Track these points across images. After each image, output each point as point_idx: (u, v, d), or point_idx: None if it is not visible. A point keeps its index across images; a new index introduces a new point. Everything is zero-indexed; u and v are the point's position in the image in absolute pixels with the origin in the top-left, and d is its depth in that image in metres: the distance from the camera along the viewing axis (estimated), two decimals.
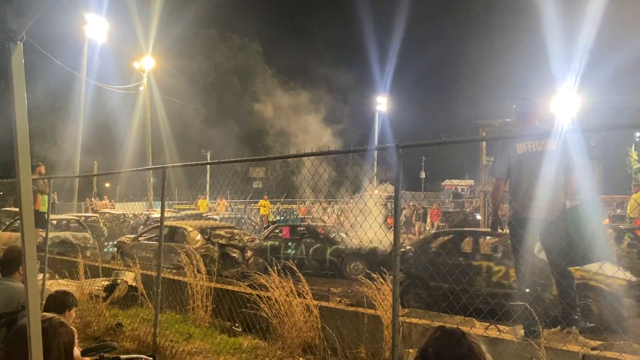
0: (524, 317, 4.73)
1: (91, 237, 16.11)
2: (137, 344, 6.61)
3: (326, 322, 6.10)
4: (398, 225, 4.28)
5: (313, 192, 7.22)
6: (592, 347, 4.45)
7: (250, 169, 47.34)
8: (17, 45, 1.81)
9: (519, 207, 4.97)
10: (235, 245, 12.15)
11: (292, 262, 7.02)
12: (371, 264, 10.76)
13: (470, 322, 5.42)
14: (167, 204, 9.79)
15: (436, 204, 27.58)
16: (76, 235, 15.56)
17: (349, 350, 5.81)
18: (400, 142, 4.20)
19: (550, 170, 4.79)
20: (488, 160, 21.79)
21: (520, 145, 4.96)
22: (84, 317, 7.45)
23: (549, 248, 4.91)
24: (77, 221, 16.94)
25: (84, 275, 8.70)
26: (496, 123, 22.21)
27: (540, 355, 4.23)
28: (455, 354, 1.70)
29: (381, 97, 54.87)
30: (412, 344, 5.23)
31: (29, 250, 1.78)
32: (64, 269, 10.22)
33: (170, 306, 8.00)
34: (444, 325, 1.86)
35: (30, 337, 1.81)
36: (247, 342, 6.44)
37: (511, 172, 5.06)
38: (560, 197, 4.96)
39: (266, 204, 28.47)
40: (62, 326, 2.43)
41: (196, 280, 7.58)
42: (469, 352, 1.70)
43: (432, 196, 36.44)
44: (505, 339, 4.78)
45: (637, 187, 19.62)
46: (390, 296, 4.81)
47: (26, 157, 1.83)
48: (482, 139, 17.21)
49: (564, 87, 23.75)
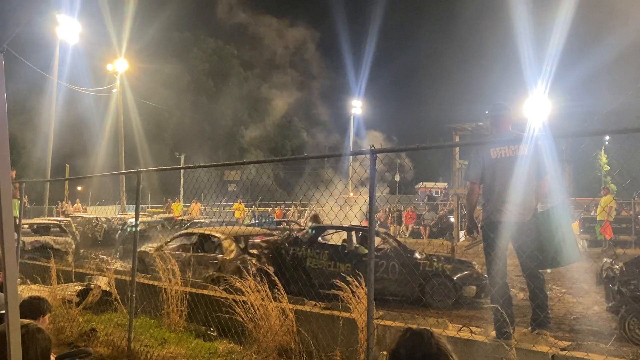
0: (496, 318, 4.83)
1: (73, 241, 15.66)
2: (111, 349, 6.55)
3: (302, 325, 6.13)
4: (372, 229, 4.35)
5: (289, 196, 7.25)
6: (561, 348, 4.56)
7: (226, 172, 47.15)
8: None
9: (492, 211, 5.08)
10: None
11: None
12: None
13: (444, 324, 5.51)
14: (141, 208, 9.46)
15: (410, 207, 27.84)
16: (57, 240, 15.16)
17: (324, 354, 5.84)
18: (374, 147, 4.27)
19: (522, 175, 4.90)
20: (461, 163, 22.09)
21: (493, 151, 5.07)
22: (57, 323, 7.35)
23: (520, 250, 5.02)
24: (58, 226, 16.54)
25: (57, 280, 8.58)
26: (469, 127, 22.52)
27: (511, 356, 4.33)
28: (426, 353, 1.76)
29: (356, 101, 55.16)
30: (386, 346, 5.29)
31: (8, 256, 1.79)
32: (36, 274, 10.07)
33: (145, 311, 7.95)
34: (412, 327, 1.92)
35: (9, 344, 1.81)
36: (222, 347, 6.43)
37: (484, 176, 5.16)
38: (531, 200, 5.08)
39: (241, 207, 28.39)
40: (39, 332, 2.43)
41: (171, 285, 7.54)
42: (437, 351, 1.77)
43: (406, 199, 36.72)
44: (477, 340, 4.87)
45: (606, 190, 20.11)
46: (365, 299, 4.87)
47: (6, 163, 1.84)
48: (455, 144, 17.41)
49: (536, 91, 24.21)
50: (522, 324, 5.95)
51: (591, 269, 9.78)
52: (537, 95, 24.15)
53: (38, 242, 14.32)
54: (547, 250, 4.85)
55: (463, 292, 8.90)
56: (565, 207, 5.38)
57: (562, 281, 10.97)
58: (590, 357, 4.26)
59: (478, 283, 9.05)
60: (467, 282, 8.99)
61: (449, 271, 9.14)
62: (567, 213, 5.30)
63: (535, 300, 4.96)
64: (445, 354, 1.76)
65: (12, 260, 1.80)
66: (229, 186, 45.44)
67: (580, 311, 8.54)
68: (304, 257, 9.91)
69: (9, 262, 1.78)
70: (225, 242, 10.31)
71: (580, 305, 8.92)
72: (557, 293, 10.14)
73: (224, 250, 10.09)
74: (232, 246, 10.17)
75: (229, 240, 10.32)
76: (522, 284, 9.11)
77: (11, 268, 1.79)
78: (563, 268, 6.45)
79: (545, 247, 4.85)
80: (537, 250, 4.87)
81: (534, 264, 4.91)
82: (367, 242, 10.46)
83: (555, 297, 9.65)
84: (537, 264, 4.91)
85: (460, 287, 8.93)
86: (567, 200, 8.87)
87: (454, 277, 8.99)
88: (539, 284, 4.97)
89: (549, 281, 10.15)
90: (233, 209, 28.39)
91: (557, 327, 7.39)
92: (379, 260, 9.48)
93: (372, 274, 4.22)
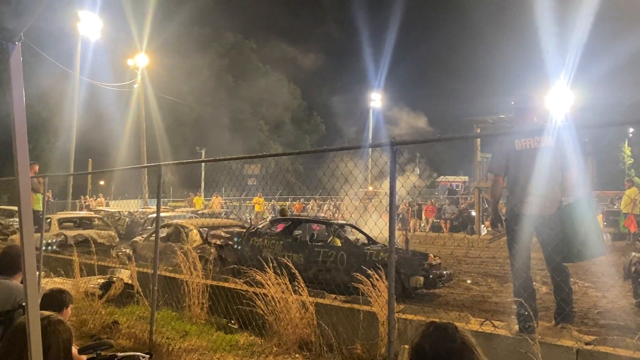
0: (519, 312, 4.76)
1: (117, 235, 15.37)
2: (133, 341, 6.61)
3: (322, 318, 6.12)
4: (393, 222, 4.30)
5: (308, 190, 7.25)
6: (586, 342, 4.48)
7: (246, 166, 47.33)
8: (16, 46, 1.82)
9: (516, 203, 5.00)
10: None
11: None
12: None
13: (466, 318, 5.46)
14: (163, 202, 9.57)
15: (431, 201, 27.66)
16: (101, 234, 14.87)
17: (344, 347, 5.82)
18: (395, 138, 4.21)
19: (547, 167, 4.82)
20: (483, 156, 21.86)
21: (518, 142, 4.99)
22: (79, 315, 7.44)
23: (545, 244, 4.94)
24: (101, 219, 16.33)
25: (80, 273, 8.68)
26: (490, 119, 22.27)
27: (534, 350, 4.26)
28: (450, 348, 1.73)
29: (375, 94, 54.90)
30: (407, 340, 5.26)
31: (28, 249, 1.79)
32: (59, 267, 10.20)
33: (167, 303, 8.00)
34: (436, 320, 1.88)
35: (29, 335, 1.82)
36: (243, 339, 6.45)
37: (509, 168, 5.09)
38: (556, 193, 4.99)
39: (260, 201, 28.49)
40: (60, 324, 2.44)
41: (192, 278, 7.58)
42: (462, 345, 1.73)
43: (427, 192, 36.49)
44: (500, 334, 4.81)
45: (630, 182, 19.78)
46: (386, 292, 4.83)
47: (24, 156, 1.84)
48: (477, 135, 17.26)
49: (558, 83, 23.85)
50: (545, 318, 5.87)
51: (616, 263, 9.62)
52: (559, 87, 23.78)
53: (81, 236, 14.03)
54: (572, 243, 4.76)
55: (410, 282, 9.06)
56: (590, 200, 5.27)
57: (586, 275, 10.80)
58: (616, 351, 4.18)
59: (425, 274, 9.20)
60: (413, 273, 9.13)
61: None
62: (592, 206, 5.21)
63: (559, 294, 4.88)
64: (470, 349, 1.73)
65: (31, 252, 1.80)
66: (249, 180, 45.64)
67: (605, 305, 8.40)
68: (261, 247, 10.40)
69: (28, 254, 1.78)
70: (191, 233, 11.51)
71: (604, 300, 8.78)
72: (581, 287, 9.99)
73: (190, 240, 11.13)
74: (196, 236, 11.42)
75: (195, 231, 11.56)
76: (545, 277, 9.01)
77: (30, 260, 1.79)
78: (586, 262, 6.34)
79: (570, 241, 4.76)
80: (561, 244, 4.79)
81: (559, 258, 4.82)
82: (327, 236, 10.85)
83: (579, 291, 9.50)
84: (562, 257, 4.83)
85: (407, 277, 9.09)
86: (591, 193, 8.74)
87: (400, 268, 9.10)
88: (564, 278, 4.89)
89: (572, 275, 10.01)
90: (253, 202, 28.51)
91: (580, 321, 7.27)
92: (329, 250, 9.93)
93: (393, 267, 4.18)
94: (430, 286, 9.31)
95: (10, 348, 2.32)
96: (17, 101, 1.79)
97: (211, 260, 10.49)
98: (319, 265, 9.70)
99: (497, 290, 9.96)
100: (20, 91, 1.81)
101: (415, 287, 9.08)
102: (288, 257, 9.62)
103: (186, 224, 12.43)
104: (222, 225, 12.92)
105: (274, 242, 10.44)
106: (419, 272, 9.13)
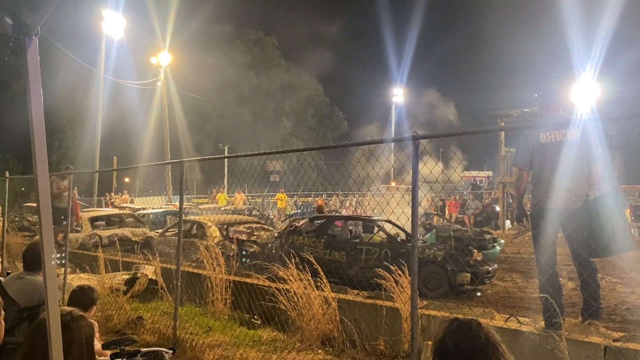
0: (545, 308, 4.68)
1: (149, 232, 14.77)
2: (157, 337, 6.66)
3: (344, 314, 6.11)
4: (416, 218, 4.25)
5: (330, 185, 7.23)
6: (614, 339, 4.40)
7: (268, 162, 47.42)
8: (33, 40, 1.82)
9: (541, 198, 4.92)
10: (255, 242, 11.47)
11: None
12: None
13: (490, 314, 5.39)
14: (186, 198, 9.60)
15: (454, 196, 27.40)
16: (135, 232, 14.42)
17: (367, 343, 5.80)
18: (417, 133, 4.16)
19: (572, 160, 4.73)
20: (507, 150, 21.59)
21: (543, 135, 4.90)
22: (105, 311, 7.53)
23: (571, 239, 4.85)
24: (132, 216, 16.07)
25: (105, 269, 8.79)
26: (514, 113, 21.99)
27: (561, 347, 4.18)
28: (474, 345, 1.69)
29: (397, 89, 54.64)
30: (430, 336, 5.21)
31: (47, 245, 1.80)
32: (85, 263, 10.34)
33: (190, 299, 8.06)
34: (459, 317, 1.84)
35: (49, 331, 1.82)
36: (266, 335, 6.47)
37: (533, 162, 5.00)
38: (582, 187, 4.89)
39: (283, 197, 28.53)
40: (82, 319, 2.45)
41: (215, 273, 7.62)
42: (486, 342, 1.69)
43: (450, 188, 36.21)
44: (526, 331, 4.74)
45: None
46: (409, 288, 4.79)
47: (43, 152, 1.84)
48: (501, 129, 17.05)
49: (584, 76, 23.39)
50: (571, 315, 5.77)
51: None
52: (585, 79, 23.34)
53: (116, 235, 13.65)
54: (599, 238, 4.66)
55: (457, 279, 8.81)
56: (617, 194, 5.16)
57: (613, 270, 10.59)
58: None
59: (473, 270, 8.94)
60: (461, 270, 8.88)
61: (440, 257, 9.08)
62: (619, 200, 5.08)
63: (587, 289, 4.78)
64: (495, 345, 1.68)
65: (50, 249, 1.81)
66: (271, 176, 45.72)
67: (634, 301, 8.22)
68: (302, 246, 10.25)
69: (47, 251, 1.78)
70: (210, 229, 11.61)
71: (633, 295, 8.60)
72: (609, 283, 9.80)
73: (209, 236, 11.22)
74: (215, 232, 11.52)
75: (214, 227, 11.67)
76: (571, 273, 8.86)
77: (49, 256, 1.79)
78: (613, 257, 6.19)
79: (597, 235, 4.66)
80: (588, 239, 4.69)
81: (586, 253, 4.73)
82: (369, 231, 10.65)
83: (607, 287, 9.32)
84: (589, 252, 4.73)
85: (454, 274, 8.84)
86: (618, 187, 8.55)
87: (446, 265, 8.91)
88: (591, 273, 4.80)
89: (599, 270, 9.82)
90: (275, 199, 28.56)
91: (607, 317, 7.13)
92: (372, 247, 9.72)
93: (416, 263, 4.14)
94: (478, 283, 9.03)
95: (35, 344, 2.34)
96: (35, 97, 1.79)
97: (232, 256, 10.49)
98: (361, 262, 9.50)
99: (522, 286, 9.82)
100: (38, 86, 1.81)
101: (462, 284, 8.83)
102: (329, 255, 9.73)
103: (204, 220, 12.37)
104: (240, 221, 12.95)
105: (314, 240, 10.33)
106: (466, 268, 8.90)
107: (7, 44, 1.76)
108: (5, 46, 1.80)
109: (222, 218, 12.98)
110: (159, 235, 12.79)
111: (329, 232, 10.61)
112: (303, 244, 10.31)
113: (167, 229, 13.03)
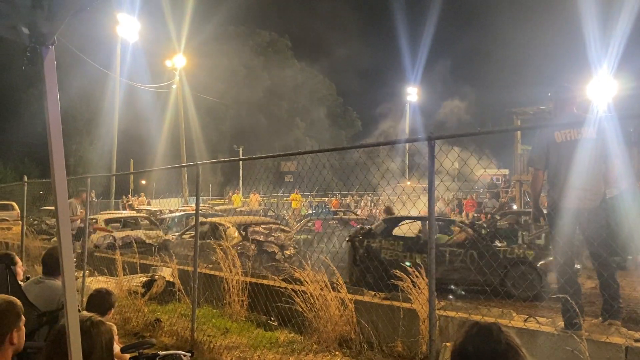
0: (565, 309, 4.63)
1: (164, 234, 14.87)
2: (175, 339, 6.70)
3: (361, 316, 6.09)
4: (433, 218, 4.23)
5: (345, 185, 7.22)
6: (635, 339, 4.33)
7: (282, 163, 47.51)
8: (49, 49, 1.83)
9: (558, 197, 4.86)
10: (274, 242, 11.46)
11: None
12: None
13: (509, 315, 5.34)
14: (202, 200, 9.60)
15: (471, 195, 27.22)
16: (149, 234, 14.48)
17: (385, 344, 5.78)
18: (433, 133, 4.14)
19: (589, 158, 4.66)
20: (523, 149, 21.41)
21: (558, 134, 4.84)
22: (123, 313, 7.58)
23: (589, 238, 4.78)
24: (147, 218, 16.08)
25: (122, 272, 8.85)
26: (531, 111, 21.79)
27: (581, 347, 4.13)
28: (494, 350, 1.67)
29: (411, 88, 54.42)
30: (449, 338, 5.18)
31: (65, 249, 1.81)
32: (103, 265, 10.42)
33: (207, 301, 8.08)
34: (479, 321, 1.82)
35: (69, 337, 1.83)
36: (283, 337, 6.47)
37: (549, 160, 4.94)
38: (600, 186, 4.83)
39: (297, 197, 28.58)
40: (102, 325, 2.46)
41: (232, 275, 7.63)
42: (507, 346, 1.67)
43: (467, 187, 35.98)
44: (545, 332, 4.69)
45: None
46: (426, 290, 4.76)
47: (60, 157, 1.85)
48: (517, 128, 16.95)
49: (601, 72, 23.12)
50: (590, 314, 5.69)
51: None
52: (602, 76, 23.06)
53: (129, 237, 13.69)
54: (618, 237, 4.60)
55: (547, 280, 8.25)
56: (635, 192, 5.09)
57: (634, 270, 10.44)
58: None
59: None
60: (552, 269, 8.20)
61: (531, 257, 8.69)
62: (637, 198, 5.02)
63: (607, 289, 4.72)
64: (515, 350, 1.67)
65: (68, 253, 1.82)
66: (286, 177, 45.82)
67: None
68: (379, 249, 9.84)
69: (65, 255, 1.80)
70: (229, 230, 11.50)
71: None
72: (629, 282, 9.66)
73: (228, 237, 10.94)
74: (234, 234, 11.39)
75: (233, 229, 11.58)
76: (589, 272, 8.74)
77: (67, 260, 1.80)
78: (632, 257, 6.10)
79: (616, 234, 4.60)
80: (607, 238, 4.63)
81: (605, 252, 4.66)
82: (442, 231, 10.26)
83: (627, 286, 9.20)
84: (609, 252, 4.67)
85: (545, 275, 8.31)
86: (636, 184, 8.43)
87: (537, 264, 8.51)
88: (611, 273, 4.72)
89: None
90: (290, 199, 28.62)
91: (628, 317, 7.04)
92: (456, 249, 9.34)
93: (433, 264, 4.12)
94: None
95: (55, 350, 2.35)
96: (52, 104, 1.81)
97: (251, 257, 10.46)
98: (446, 265, 9.18)
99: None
100: (55, 94, 1.83)
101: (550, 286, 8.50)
102: (411, 259, 9.30)
103: (223, 222, 12.35)
104: (258, 222, 12.89)
105: (392, 243, 9.86)
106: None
107: (24, 53, 1.78)
108: (21, 53, 1.82)
109: (240, 219, 12.89)
110: (176, 238, 12.82)
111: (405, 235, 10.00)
112: (381, 247, 9.86)
113: (184, 230, 13.02)
